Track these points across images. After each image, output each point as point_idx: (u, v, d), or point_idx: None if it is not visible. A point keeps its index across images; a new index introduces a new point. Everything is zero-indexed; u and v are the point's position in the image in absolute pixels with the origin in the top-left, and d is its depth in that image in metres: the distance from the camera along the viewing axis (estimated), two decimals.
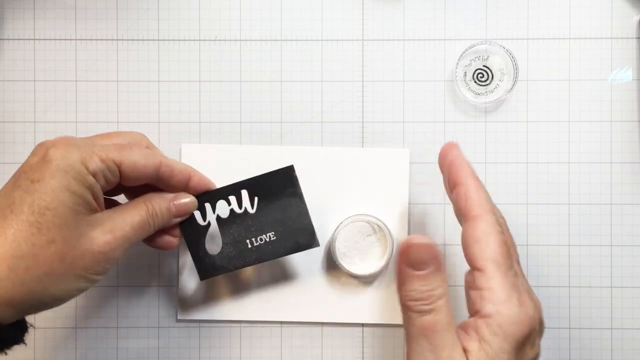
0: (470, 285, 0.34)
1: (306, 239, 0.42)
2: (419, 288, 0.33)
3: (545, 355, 0.47)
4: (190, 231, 0.42)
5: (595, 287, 0.47)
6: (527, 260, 0.47)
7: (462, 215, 0.36)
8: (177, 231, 0.42)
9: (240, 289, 0.47)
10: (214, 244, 0.42)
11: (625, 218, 0.47)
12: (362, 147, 0.47)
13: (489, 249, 0.34)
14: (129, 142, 0.39)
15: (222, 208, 0.42)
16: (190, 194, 0.41)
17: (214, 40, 0.48)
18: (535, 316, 0.34)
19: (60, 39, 0.48)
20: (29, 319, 0.36)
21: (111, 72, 0.48)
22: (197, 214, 0.41)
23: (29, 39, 0.48)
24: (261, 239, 0.42)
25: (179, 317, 0.47)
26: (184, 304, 0.47)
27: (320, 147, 0.47)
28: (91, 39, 0.48)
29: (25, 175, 0.35)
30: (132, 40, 0.48)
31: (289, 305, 0.46)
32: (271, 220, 0.41)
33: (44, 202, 0.33)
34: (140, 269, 0.47)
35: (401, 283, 0.34)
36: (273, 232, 0.42)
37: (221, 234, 0.42)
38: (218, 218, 0.42)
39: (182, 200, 0.40)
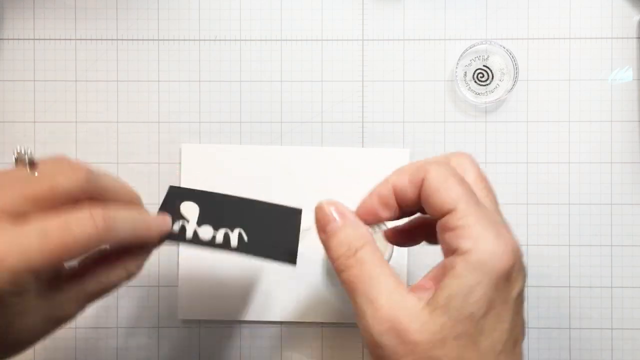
0: (444, 228, 0.30)
1: (285, 256, 0.36)
2: (336, 246, 0.32)
3: (546, 355, 0.47)
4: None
5: (595, 287, 0.47)
6: (527, 260, 0.47)
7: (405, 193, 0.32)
8: None
9: (240, 289, 0.47)
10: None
11: (625, 218, 0.47)
12: (362, 147, 0.47)
13: (452, 191, 0.30)
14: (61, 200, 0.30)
15: (205, 232, 0.36)
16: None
17: (214, 40, 0.48)
18: (516, 248, 0.30)
19: (60, 39, 0.48)
20: None
21: (111, 72, 0.48)
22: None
23: (29, 39, 0.48)
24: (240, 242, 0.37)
25: (179, 317, 0.47)
26: (184, 304, 0.47)
27: (320, 147, 0.47)
28: (91, 39, 0.48)
29: None
30: (132, 40, 0.48)
31: (289, 305, 0.47)
32: (256, 242, 0.37)
33: None
34: None
35: (326, 249, 0.33)
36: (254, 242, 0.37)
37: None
38: (195, 236, 0.36)
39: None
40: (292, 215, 0.36)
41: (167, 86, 0.48)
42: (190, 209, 0.37)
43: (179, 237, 0.36)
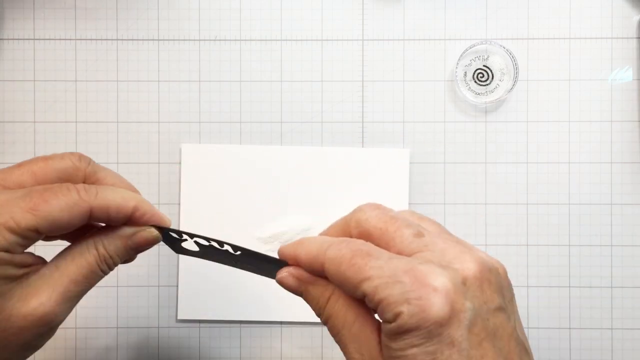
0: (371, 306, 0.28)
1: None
2: (312, 306, 0.32)
3: (546, 355, 0.47)
4: (164, 239, 0.36)
5: (595, 287, 0.47)
6: (527, 260, 0.47)
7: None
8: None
9: (240, 289, 0.47)
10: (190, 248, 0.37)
11: (625, 218, 0.47)
12: (362, 147, 0.47)
13: (351, 278, 0.28)
14: (53, 178, 0.32)
15: (200, 241, 0.36)
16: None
17: (214, 40, 0.48)
18: (441, 287, 0.26)
19: (60, 39, 0.48)
20: None
21: (111, 72, 0.48)
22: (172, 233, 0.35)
23: (29, 39, 0.48)
24: (240, 267, 0.37)
25: (179, 317, 0.47)
26: (184, 304, 0.47)
27: (320, 147, 0.47)
28: (91, 39, 0.48)
29: None
30: (132, 40, 0.48)
31: (289, 305, 0.46)
32: (254, 264, 0.36)
33: None
34: (140, 269, 0.47)
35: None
36: (255, 267, 0.36)
37: (199, 252, 0.37)
38: (196, 242, 0.36)
39: (142, 235, 0.33)
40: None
41: (167, 86, 0.48)
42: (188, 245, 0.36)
43: (175, 238, 0.35)
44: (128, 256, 0.34)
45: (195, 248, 0.36)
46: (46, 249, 0.34)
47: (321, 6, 0.48)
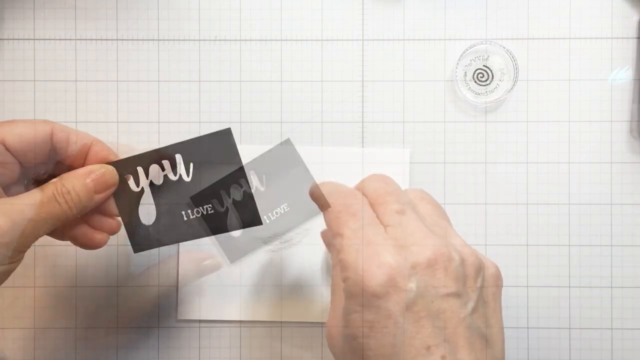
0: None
1: (248, 216, 0.37)
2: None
3: (545, 355, 0.47)
4: (123, 198, 0.37)
5: (595, 287, 0.47)
6: (527, 260, 0.47)
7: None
8: (106, 225, 0.38)
9: (240, 289, 0.47)
10: (148, 214, 0.38)
11: (625, 218, 0.47)
12: (362, 147, 0.47)
13: (331, 229, 0.33)
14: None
15: (156, 174, 0.37)
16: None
17: (214, 40, 0.48)
18: (385, 263, 0.30)
19: (60, 39, 0.48)
20: None
21: (111, 72, 0.48)
22: (130, 179, 0.37)
23: (29, 39, 0.48)
24: (197, 212, 0.37)
25: (179, 317, 0.47)
26: (184, 304, 0.47)
27: (320, 147, 0.47)
28: (91, 39, 0.48)
29: None
30: (132, 40, 0.48)
31: (289, 305, 0.47)
32: (208, 192, 0.37)
33: None
34: (140, 269, 0.47)
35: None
36: (210, 205, 0.37)
37: (155, 203, 0.37)
38: (151, 184, 0.37)
39: (98, 172, 0.36)
40: (225, 140, 0.37)
41: (167, 86, 0.48)
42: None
43: (133, 194, 0.37)
44: (88, 197, 0.35)
45: (153, 213, 0.37)
46: (46, 250, 0.34)
47: (321, 6, 0.48)
